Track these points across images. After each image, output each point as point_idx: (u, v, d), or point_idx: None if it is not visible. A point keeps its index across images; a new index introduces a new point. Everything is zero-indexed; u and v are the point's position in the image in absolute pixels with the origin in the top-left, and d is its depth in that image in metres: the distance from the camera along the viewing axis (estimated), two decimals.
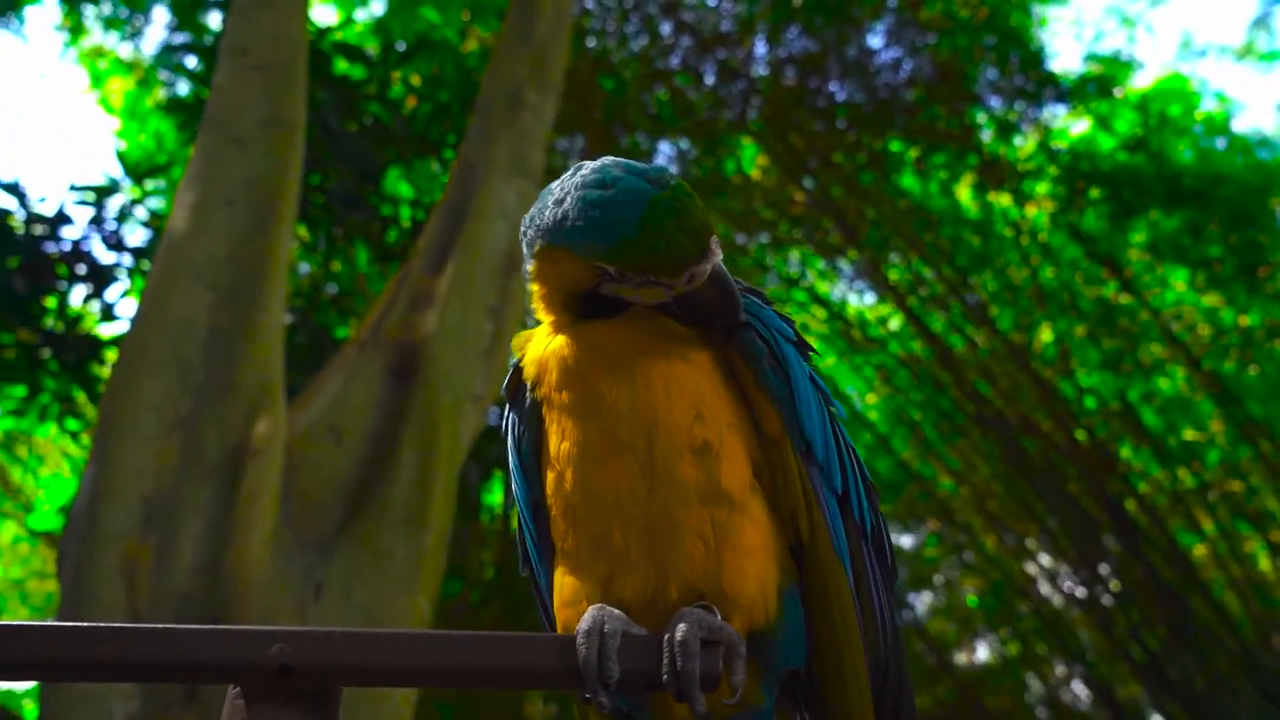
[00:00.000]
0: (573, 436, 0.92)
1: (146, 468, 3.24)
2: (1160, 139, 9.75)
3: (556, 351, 0.96)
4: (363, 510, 3.64)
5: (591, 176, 0.89)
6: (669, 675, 0.79)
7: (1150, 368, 10.29)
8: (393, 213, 8.09)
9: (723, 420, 0.91)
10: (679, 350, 0.93)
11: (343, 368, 4.13)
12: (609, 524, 0.90)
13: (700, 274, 0.89)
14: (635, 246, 0.86)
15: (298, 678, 0.76)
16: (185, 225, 3.89)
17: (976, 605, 12.27)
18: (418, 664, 0.77)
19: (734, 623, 0.87)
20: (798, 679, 0.95)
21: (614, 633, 0.81)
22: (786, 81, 9.89)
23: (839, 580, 0.92)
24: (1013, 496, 10.54)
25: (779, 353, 0.94)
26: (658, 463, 0.89)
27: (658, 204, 0.85)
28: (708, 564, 0.88)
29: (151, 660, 0.75)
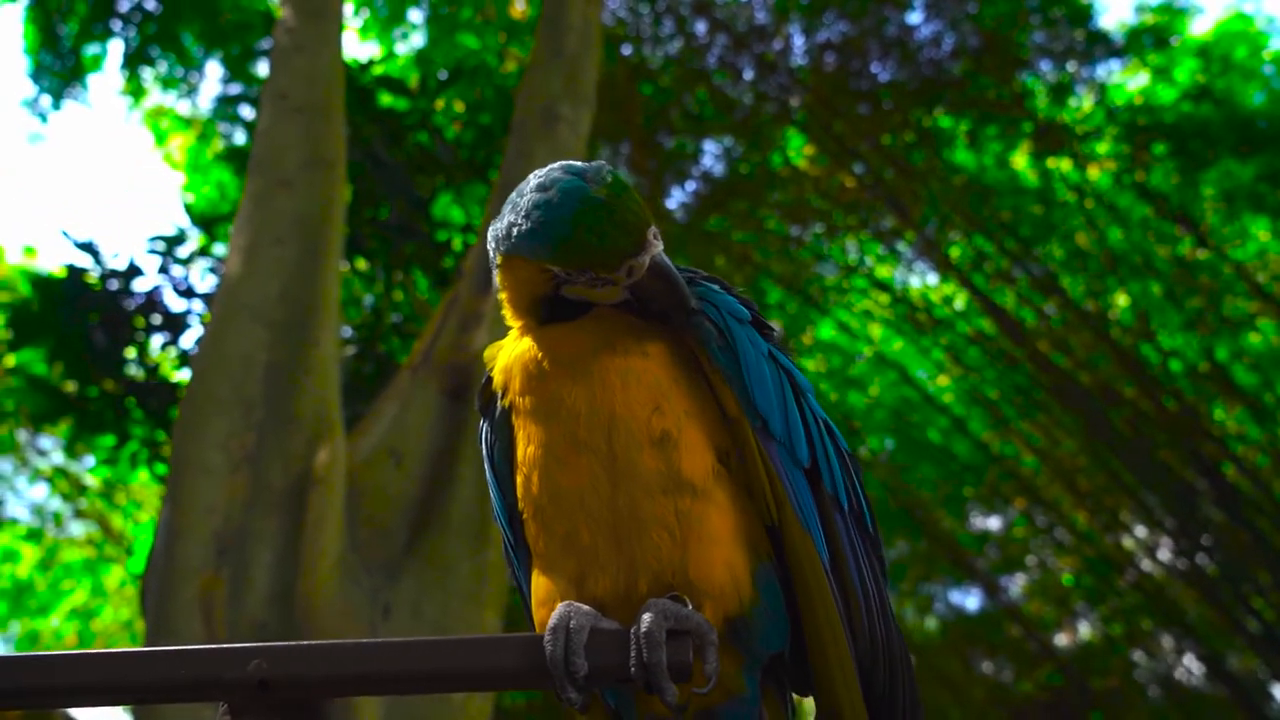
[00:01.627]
0: (537, 440, 0.94)
1: (216, 504, 3.37)
2: (1226, 84, 9.30)
3: (519, 358, 0.98)
4: (426, 529, 3.72)
5: (534, 182, 0.91)
6: (636, 668, 0.79)
7: (1237, 324, 9.81)
8: (447, 238, 8.26)
9: (681, 409, 0.92)
10: (637, 345, 0.94)
11: (399, 392, 4.23)
12: (576, 523, 0.91)
13: (639, 266, 0.90)
14: (572, 244, 0.88)
15: (277, 692, 0.78)
16: (239, 267, 4.04)
17: (1073, 584, 11.85)
18: (389, 672, 0.79)
19: (706, 611, 0.86)
20: (782, 664, 0.94)
21: (580, 628, 0.82)
22: (826, 68, 9.76)
23: (810, 553, 0.91)
24: (1101, 469, 10.16)
25: (728, 333, 0.95)
26: (618, 458, 0.90)
27: (589, 201, 0.87)
28: (674, 555, 0.88)
29: (138, 683, 0.78)
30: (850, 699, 0.89)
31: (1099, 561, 10.83)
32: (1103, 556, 10.72)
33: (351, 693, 0.80)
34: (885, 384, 11.43)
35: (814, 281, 10.90)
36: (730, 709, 0.92)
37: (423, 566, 3.58)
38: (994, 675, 12.97)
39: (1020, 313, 10.12)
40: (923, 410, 11.26)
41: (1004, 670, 12.91)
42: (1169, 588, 10.82)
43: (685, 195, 10.99)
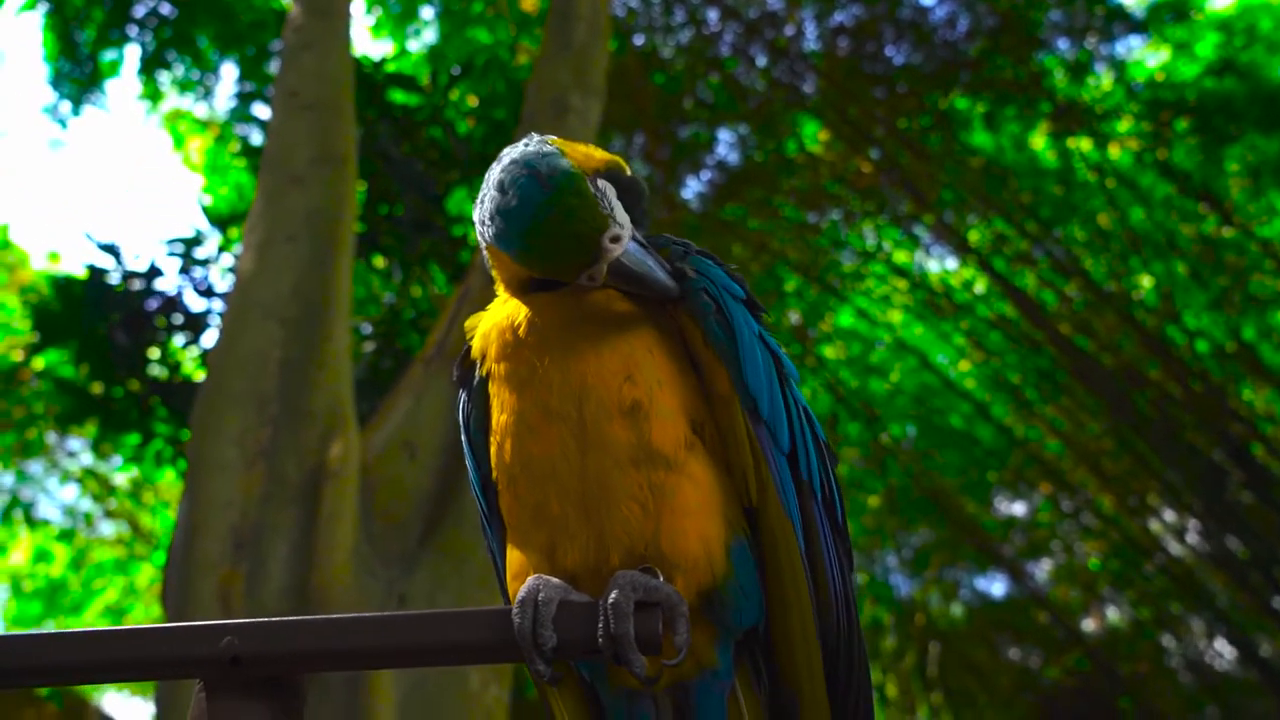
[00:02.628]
0: (510, 408, 0.94)
1: (233, 499, 3.41)
2: (1250, 58, 9.12)
3: (497, 325, 0.98)
4: (441, 521, 3.74)
5: (497, 177, 0.91)
6: (604, 640, 0.79)
7: (1265, 302, 9.64)
8: (463, 232, 8.29)
9: (654, 380, 0.91)
10: (615, 314, 0.94)
11: (413, 385, 4.25)
12: (547, 494, 0.91)
13: (597, 273, 0.90)
14: (529, 256, 0.90)
15: (249, 667, 0.79)
16: (252, 264, 4.07)
17: (1099, 568, 11.73)
18: (360, 647, 0.79)
19: (678, 583, 0.86)
20: (756, 640, 0.94)
21: (548, 601, 0.82)
22: (840, 53, 9.68)
23: (788, 538, 0.91)
24: (1126, 452, 10.04)
25: (725, 310, 0.94)
26: (589, 428, 0.90)
27: (539, 215, 0.87)
28: (646, 526, 0.87)
29: (111, 661, 0.79)
30: (813, 685, 0.90)
31: (1126, 545, 10.70)
32: (1130, 540, 10.59)
33: (324, 668, 0.80)
34: (906, 370, 11.35)
35: (832, 268, 10.83)
36: (703, 683, 0.91)
37: (438, 558, 3.60)
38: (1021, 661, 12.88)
39: (1041, 295, 10.00)
40: (944, 396, 11.17)
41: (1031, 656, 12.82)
42: (1198, 571, 10.68)
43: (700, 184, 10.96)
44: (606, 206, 0.90)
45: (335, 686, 3.04)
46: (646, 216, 0.98)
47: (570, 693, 0.98)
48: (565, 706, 0.97)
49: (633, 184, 0.96)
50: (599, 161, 0.95)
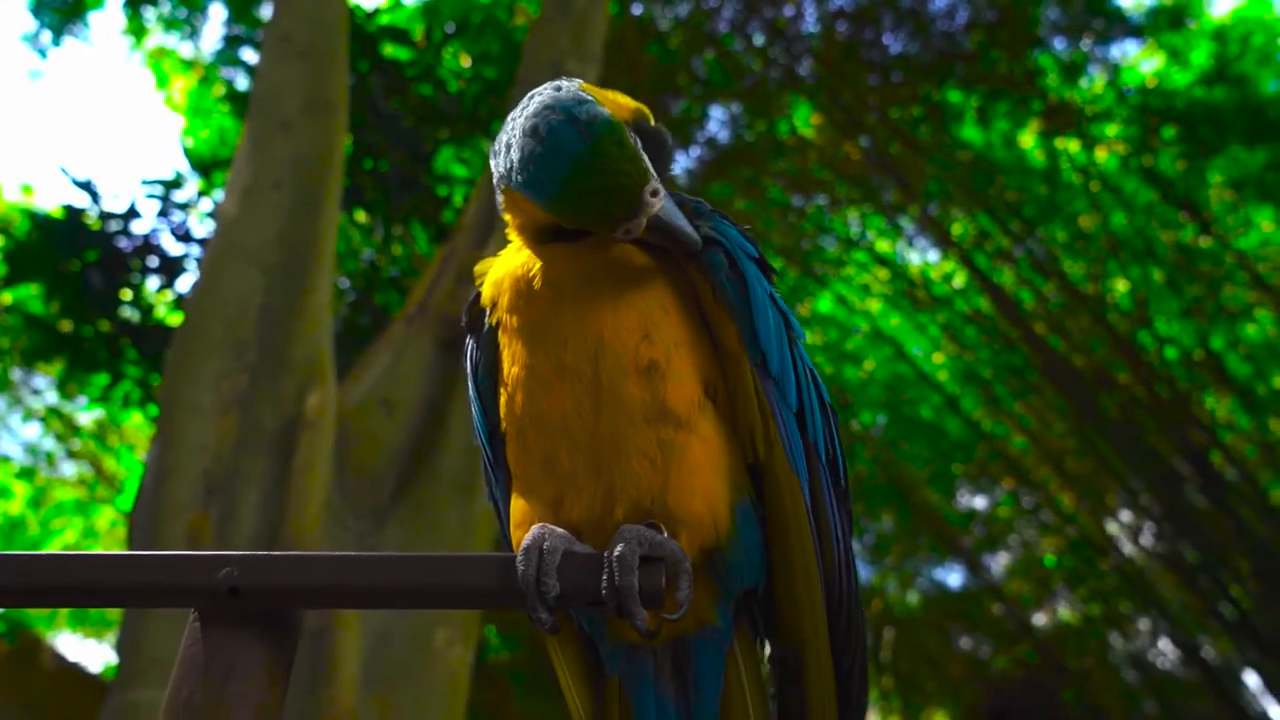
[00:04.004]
0: (522, 361, 0.93)
1: (206, 444, 3.38)
2: (1241, 70, 9.21)
3: (511, 274, 0.97)
4: (414, 479, 3.73)
5: (530, 122, 0.88)
6: (608, 591, 0.79)
7: (1235, 313, 9.81)
8: (447, 192, 8.21)
9: (671, 339, 0.91)
10: (632, 271, 0.93)
11: (392, 342, 4.23)
12: (557, 447, 0.90)
13: (635, 227, 0.88)
14: (563, 206, 0.87)
15: (247, 599, 0.78)
16: (236, 209, 4.01)
17: (1054, 564, 11.97)
18: (362, 585, 0.79)
19: (682, 540, 0.86)
20: (756, 600, 0.95)
21: (553, 550, 0.82)
22: (838, 36, 9.64)
23: (795, 496, 0.91)
24: (1089, 453, 10.22)
25: (739, 266, 0.94)
26: (604, 384, 0.89)
27: (580, 163, 0.84)
28: (654, 482, 0.87)
29: (108, 585, 0.79)
30: (817, 641, 0.90)
31: (1082, 543, 10.93)
32: (1086, 539, 10.82)
33: (323, 604, 0.80)
34: (880, 359, 11.44)
35: (815, 253, 10.85)
36: (702, 639, 0.92)
37: (409, 515, 3.60)
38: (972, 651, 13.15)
39: (1019, 293, 10.10)
40: (916, 387, 11.28)
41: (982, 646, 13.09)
42: (1149, 572, 10.93)
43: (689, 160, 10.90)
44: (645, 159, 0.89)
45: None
46: (670, 169, 0.96)
47: (568, 644, 0.99)
48: (563, 657, 0.98)
49: (657, 134, 0.94)
50: (628, 110, 0.92)
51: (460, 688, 3.41)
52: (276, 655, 0.80)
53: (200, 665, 0.76)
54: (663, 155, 0.94)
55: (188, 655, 0.78)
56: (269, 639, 0.79)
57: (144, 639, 2.96)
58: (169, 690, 0.77)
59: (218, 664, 0.77)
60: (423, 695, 3.24)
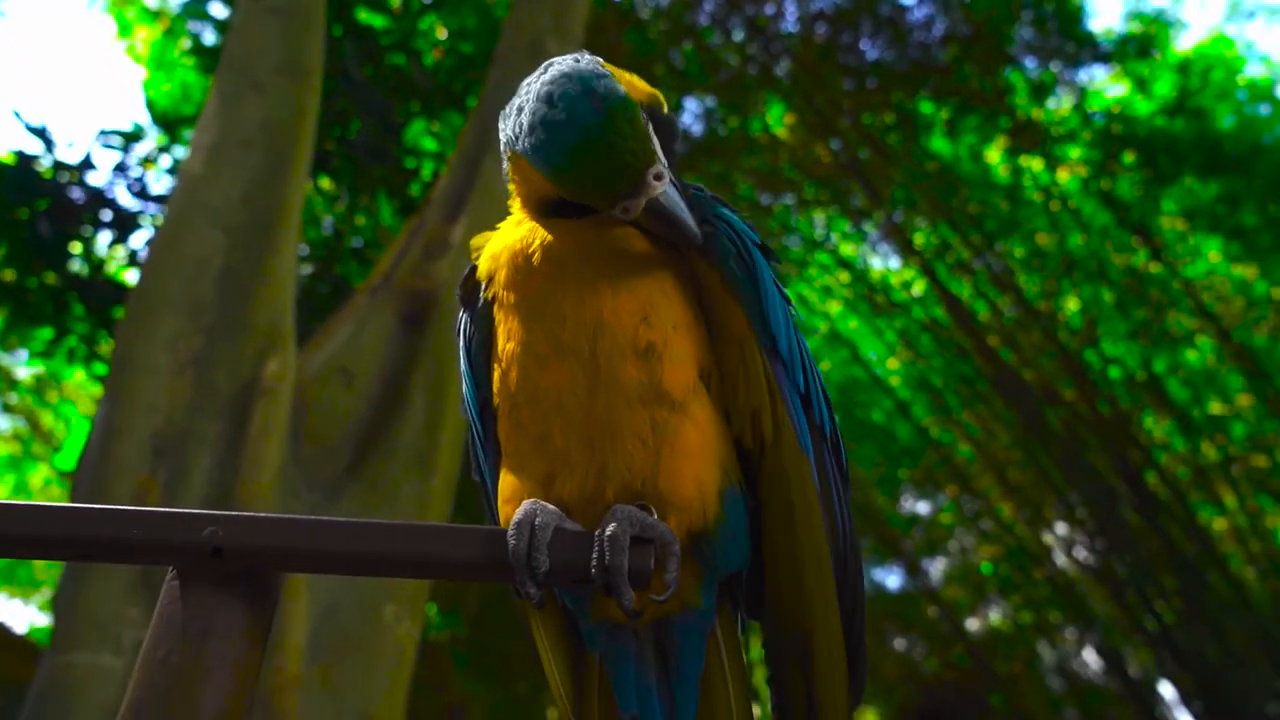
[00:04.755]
0: (518, 337, 0.93)
1: (158, 404, 3.30)
2: (1201, 103, 9.48)
3: (509, 248, 0.96)
4: (371, 451, 3.69)
5: (545, 89, 0.87)
6: (597, 570, 0.80)
7: (1178, 339, 10.12)
8: (416, 165, 8.09)
9: (669, 323, 0.91)
10: (633, 253, 0.93)
11: (355, 312, 4.16)
12: (551, 425, 0.90)
13: (634, 206, 0.88)
14: (567, 176, 0.87)
15: (229, 559, 0.77)
16: (201, 166, 3.91)
17: (991, 572, 12.26)
18: (347, 550, 0.79)
19: (671, 522, 0.87)
20: (739, 583, 0.96)
21: (545, 526, 0.82)
22: (817, 38, 9.70)
23: (804, 475, 0.91)
24: (1031, 465, 10.47)
25: (746, 252, 0.94)
26: (601, 365, 0.89)
27: (589, 134, 0.84)
28: (645, 464, 0.88)
29: (87, 539, 0.77)
30: (828, 625, 0.90)
31: (1018, 552, 11.20)
32: (1022, 548, 11.09)
33: (308, 568, 0.79)
34: (836, 361, 11.58)
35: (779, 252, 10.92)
36: (685, 620, 0.93)
37: (364, 488, 3.56)
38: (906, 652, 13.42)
39: (975, 305, 10.30)
40: (869, 390, 11.45)
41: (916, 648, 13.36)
42: (1080, 584, 11.25)
43: None
44: (654, 141, 0.89)
45: None
46: (677, 157, 0.96)
47: (550, 620, 0.99)
48: (545, 633, 0.98)
49: (669, 123, 0.94)
50: (643, 93, 0.92)
51: (406, 662, 3.39)
52: (256, 617, 0.79)
53: (179, 624, 0.75)
54: (672, 144, 0.94)
55: (165, 614, 0.77)
56: (249, 600, 0.79)
57: (83, 600, 2.89)
58: (145, 648, 0.76)
59: (196, 624, 0.76)
60: (368, 668, 3.22)
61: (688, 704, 0.92)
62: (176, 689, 0.72)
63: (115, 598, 2.93)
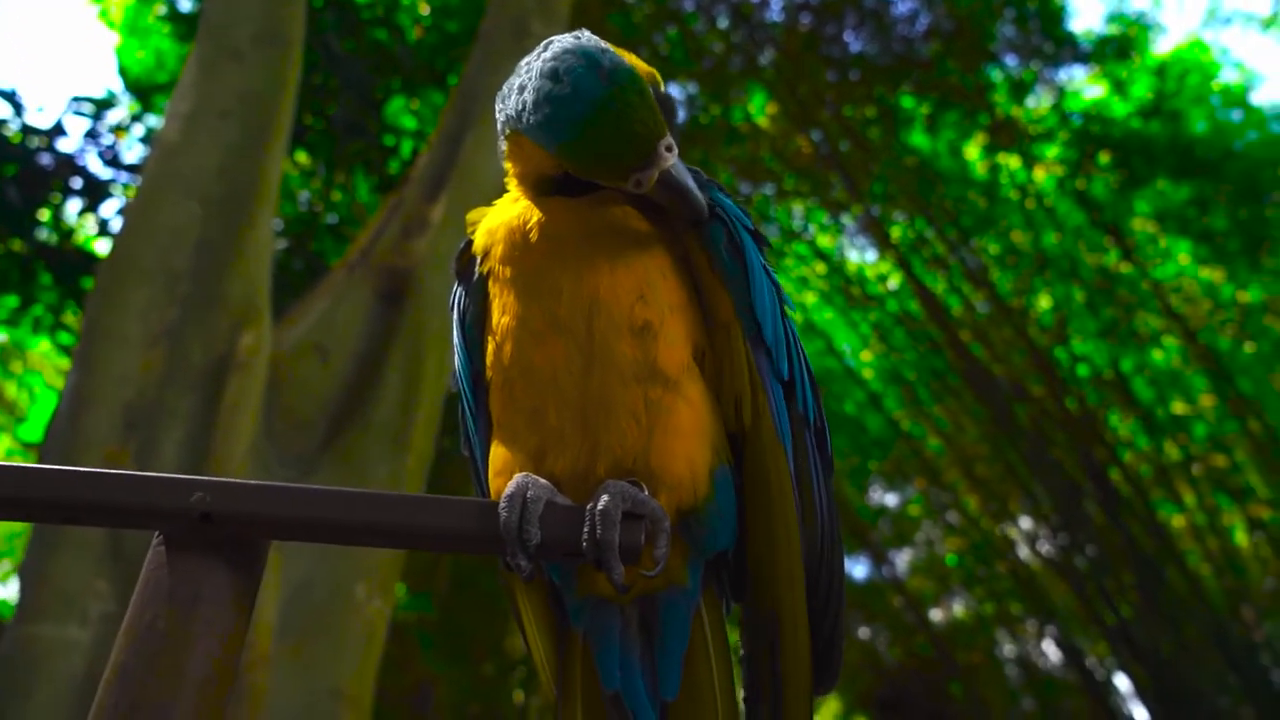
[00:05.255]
0: (514, 311, 0.93)
1: (130, 375, 3.25)
2: (1176, 107, 9.62)
3: (506, 224, 0.96)
4: (345, 428, 3.67)
5: (549, 64, 0.87)
6: (588, 544, 0.80)
7: (1146, 339, 10.28)
8: (395, 143, 8.01)
9: (665, 302, 0.92)
10: (631, 232, 0.94)
11: (332, 289, 4.13)
12: (544, 400, 0.91)
13: (645, 179, 0.88)
14: (579, 150, 0.86)
15: (218, 526, 0.77)
16: (178, 136, 3.85)
17: (955, 564, 12.44)
18: (338, 520, 0.79)
19: (661, 500, 0.88)
20: (725, 564, 0.97)
21: (537, 499, 0.82)
22: (801, 28, 9.71)
23: (779, 463, 0.92)
24: (999, 459, 10.62)
25: (737, 238, 0.95)
26: (596, 341, 0.90)
27: (600, 106, 0.84)
28: (638, 442, 0.88)
29: (73, 501, 0.77)
30: (795, 607, 0.91)
31: (983, 545, 11.37)
32: (987, 541, 11.25)
33: (297, 537, 0.79)
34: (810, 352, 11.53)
35: None
36: (670, 598, 0.94)
37: (338, 464, 3.54)
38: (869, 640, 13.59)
39: (948, 300, 10.39)
40: (842, 382, 11.53)
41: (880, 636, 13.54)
42: (1041, 577, 11.45)
43: None
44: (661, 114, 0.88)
45: None
46: (679, 134, 0.97)
47: (535, 594, 0.99)
48: (529, 606, 0.99)
49: (667, 100, 0.94)
50: (643, 71, 0.92)
51: (376, 641, 3.39)
52: (244, 584, 0.79)
53: (166, 589, 0.75)
54: (671, 121, 0.94)
55: (152, 579, 0.76)
56: (237, 567, 0.78)
57: (51, 572, 2.85)
58: (130, 614, 0.75)
59: (184, 590, 0.75)
60: (339, 646, 3.21)
61: (671, 681, 0.93)
62: (164, 654, 0.72)
63: (83, 570, 2.90)
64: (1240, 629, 9.95)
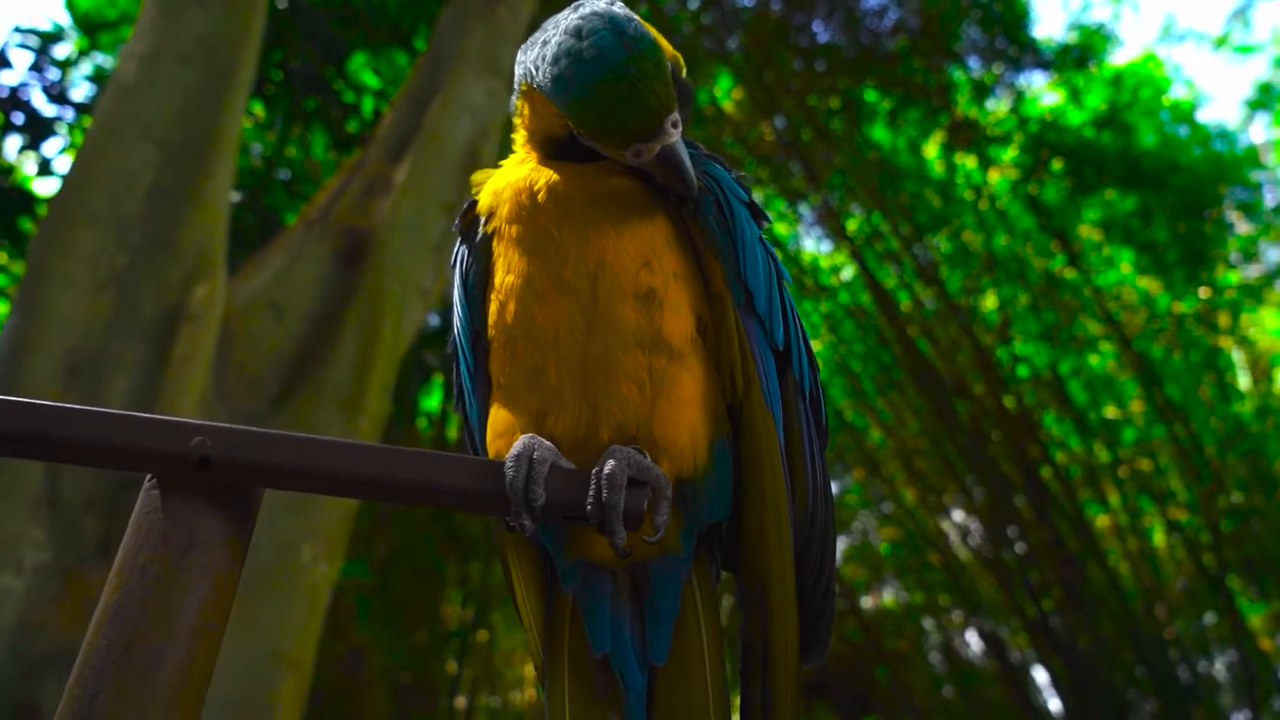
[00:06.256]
0: (518, 271, 0.93)
1: (75, 321, 3.15)
2: (1128, 119, 9.88)
3: (513, 185, 0.96)
4: (297, 389, 3.61)
5: (575, 23, 0.87)
6: (593, 507, 0.81)
7: (1084, 344, 10.59)
8: (355, 100, 7.84)
9: (669, 271, 0.92)
10: (635, 201, 0.94)
11: (289, 245, 4.04)
12: (546, 361, 0.91)
13: (647, 151, 0.88)
14: (587, 110, 0.86)
15: (217, 471, 0.76)
16: (135, 77, 3.71)
17: (889, 553, 12.73)
18: (340, 471, 0.78)
19: (663, 468, 0.88)
20: (718, 534, 0.98)
21: (543, 460, 0.83)
22: (772, 14, 9.73)
23: (769, 433, 0.94)
24: (937, 453, 10.86)
25: (727, 209, 0.95)
26: (600, 305, 0.90)
27: (616, 70, 0.84)
28: (641, 408, 0.89)
29: (71, 439, 0.75)
30: (782, 574, 0.93)
31: (917, 536, 11.65)
32: (921, 532, 11.53)
33: (296, 486, 0.78)
34: None
35: None
36: (663, 566, 0.95)
37: (288, 426, 3.47)
38: None
39: (899, 295, 10.57)
40: None
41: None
42: (970, 569, 11.79)
43: None
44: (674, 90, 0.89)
45: None
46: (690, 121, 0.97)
47: (527, 558, 1.00)
48: (519, 567, 0.99)
49: (685, 86, 0.95)
50: (667, 52, 0.93)
51: (319, 606, 3.35)
52: (238, 531, 0.78)
53: (160, 533, 0.74)
54: (686, 107, 0.95)
55: (145, 522, 0.75)
56: (231, 514, 0.77)
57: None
58: (122, 555, 0.74)
59: (178, 534, 0.74)
60: (282, 609, 3.17)
61: (660, 647, 0.94)
62: (157, 597, 0.71)
63: (17, 517, 2.81)
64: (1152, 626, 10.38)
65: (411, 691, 9.56)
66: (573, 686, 0.93)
